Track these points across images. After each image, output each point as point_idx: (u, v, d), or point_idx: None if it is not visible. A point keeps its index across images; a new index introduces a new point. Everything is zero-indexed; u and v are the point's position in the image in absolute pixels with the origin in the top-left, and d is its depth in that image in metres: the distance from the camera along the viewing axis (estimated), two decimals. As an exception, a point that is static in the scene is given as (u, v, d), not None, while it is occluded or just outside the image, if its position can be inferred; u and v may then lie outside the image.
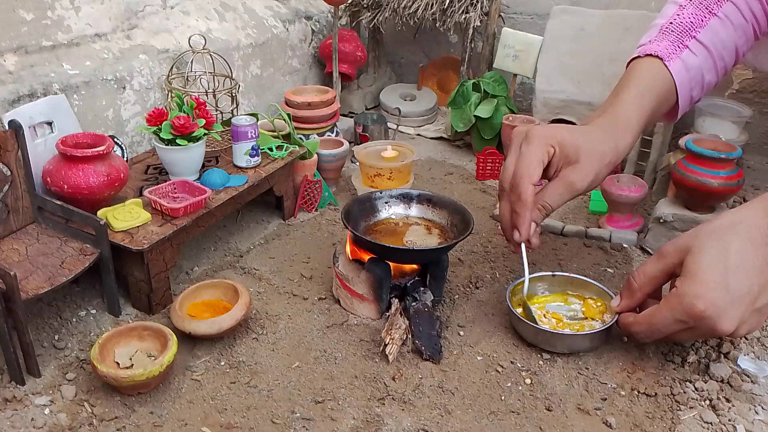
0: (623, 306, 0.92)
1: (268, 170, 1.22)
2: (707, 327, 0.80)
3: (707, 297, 0.78)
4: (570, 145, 0.92)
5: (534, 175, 0.91)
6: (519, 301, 1.00)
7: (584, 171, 0.92)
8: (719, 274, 0.78)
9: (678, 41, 1.00)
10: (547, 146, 0.92)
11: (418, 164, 1.60)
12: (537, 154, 0.92)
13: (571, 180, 0.92)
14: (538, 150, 0.92)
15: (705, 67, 1.01)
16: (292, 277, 1.13)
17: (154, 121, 1.13)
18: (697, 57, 1.00)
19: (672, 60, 0.99)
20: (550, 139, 0.92)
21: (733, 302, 0.78)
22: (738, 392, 0.87)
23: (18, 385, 0.87)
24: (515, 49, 1.63)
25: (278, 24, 1.71)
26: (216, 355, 0.94)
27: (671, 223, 1.17)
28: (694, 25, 1.00)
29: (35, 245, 0.97)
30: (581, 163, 0.92)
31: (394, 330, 0.94)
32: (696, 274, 0.80)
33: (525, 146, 0.93)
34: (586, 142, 0.93)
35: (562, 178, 0.93)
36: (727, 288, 0.78)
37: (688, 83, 1.01)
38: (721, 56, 1.02)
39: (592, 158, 0.92)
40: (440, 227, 1.09)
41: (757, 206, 0.83)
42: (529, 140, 0.93)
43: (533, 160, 0.91)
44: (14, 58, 1.13)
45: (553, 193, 0.93)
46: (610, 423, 0.82)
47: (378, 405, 0.85)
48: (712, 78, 1.04)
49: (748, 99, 1.56)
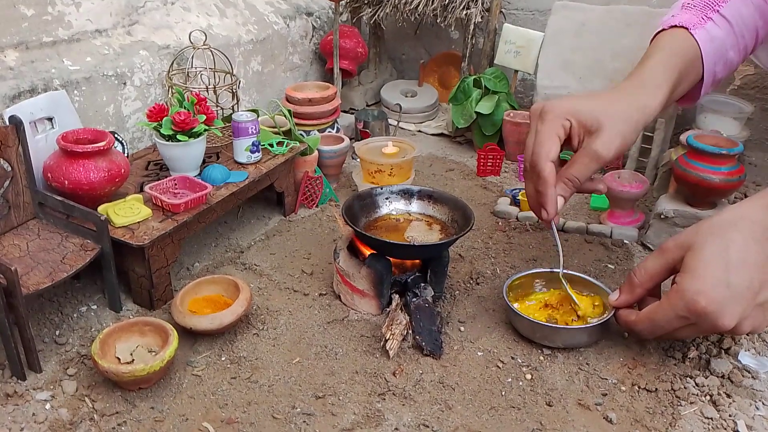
0: (622, 301, 0.92)
1: (269, 166, 1.22)
2: (708, 323, 0.80)
3: (708, 293, 0.78)
4: (587, 115, 0.90)
5: (552, 152, 0.90)
6: (516, 296, 1.01)
7: (607, 138, 0.89)
8: (720, 270, 0.78)
9: (701, 14, 0.99)
10: (562, 120, 0.90)
11: (419, 160, 1.59)
12: (552, 130, 0.90)
13: (594, 149, 0.89)
14: (553, 125, 0.90)
15: (728, 42, 1.00)
16: (293, 273, 1.13)
17: (154, 117, 1.13)
18: (721, 30, 0.99)
19: (697, 29, 0.98)
20: (564, 113, 0.90)
21: (734, 298, 0.78)
22: (739, 388, 0.87)
23: (19, 380, 0.87)
24: (516, 45, 1.62)
25: (279, 20, 1.70)
26: (217, 350, 0.94)
27: (672, 219, 1.16)
28: (716, 0, 1.00)
29: (36, 241, 0.97)
30: (604, 130, 0.89)
31: (394, 325, 0.94)
32: (697, 270, 0.80)
33: (540, 124, 0.91)
34: (606, 108, 0.90)
35: (586, 148, 0.90)
36: (728, 284, 0.78)
37: (714, 54, 0.99)
38: (742, 34, 1.01)
39: (616, 123, 0.90)
40: (441, 223, 1.09)
41: (758, 202, 0.82)
42: (543, 117, 0.91)
43: (548, 136, 0.90)
44: (15, 53, 1.13)
45: (578, 165, 0.91)
46: (611, 418, 0.82)
47: (378, 400, 0.85)
48: (735, 56, 1.02)
49: (750, 95, 1.56)
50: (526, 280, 1.04)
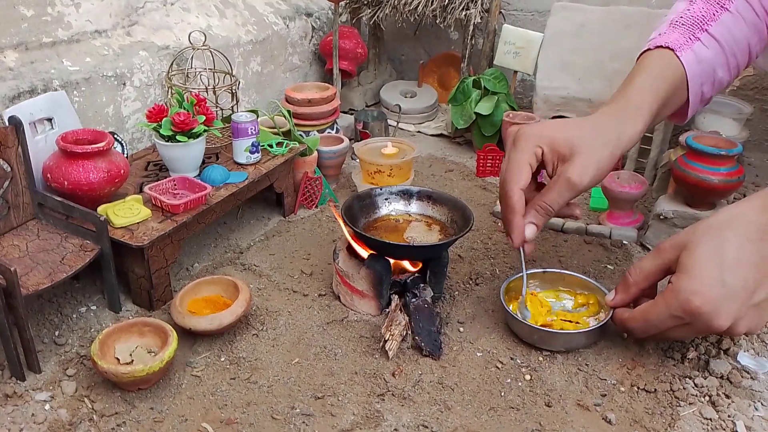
0: (617, 300, 0.92)
1: (269, 167, 1.22)
2: (703, 323, 0.80)
3: (703, 292, 0.78)
4: (561, 142, 0.89)
5: (521, 180, 0.89)
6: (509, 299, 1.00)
7: (581, 166, 0.88)
8: (715, 269, 0.78)
9: (689, 33, 0.96)
10: (534, 147, 0.89)
11: (419, 161, 1.59)
12: (523, 158, 0.90)
13: (568, 177, 0.88)
14: (524, 153, 0.90)
15: (717, 62, 0.97)
16: (293, 274, 1.13)
17: (154, 117, 1.13)
18: (708, 50, 0.96)
19: (683, 50, 0.95)
20: (537, 140, 0.89)
21: (729, 298, 0.78)
22: (738, 388, 0.87)
23: (18, 380, 0.87)
24: (516, 45, 1.63)
25: (278, 21, 1.71)
26: (216, 351, 0.94)
27: (671, 220, 1.17)
28: (705, 19, 0.97)
29: (35, 241, 0.97)
30: (578, 158, 0.88)
31: (393, 326, 0.94)
32: (692, 270, 0.80)
33: (512, 150, 0.91)
34: (582, 135, 0.89)
35: (559, 175, 0.89)
36: (723, 284, 0.78)
37: (700, 76, 0.97)
38: (733, 53, 0.98)
39: (591, 151, 0.88)
40: (440, 224, 1.09)
41: (754, 202, 0.83)
42: (516, 144, 0.91)
43: (519, 164, 0.90)
44: (14, 54, 1.13)
45: (552, 193, 0.90)
46: (610, 419, 0.82)
47: (378, 401, 0.85)
48: (725, 75, 1.00)
49: (749, 96, 1.56)
50: (519, 282, 1.03)
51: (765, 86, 1.56)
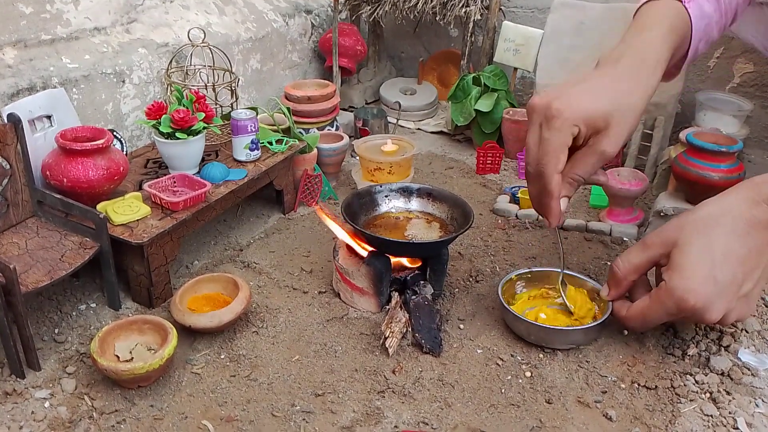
0: (613, 295, 0.93)
1: (268, 164, 1.22)
2: (697, 317, 0.83)
3: (697, 291, 0.81)
4: (598, 117, 0.84)
5: (560, 164, 0.85)
6: (511, 297, 1.01)
7: (615, 136, 0.84)
8: (707, 268, 0.81)
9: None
10: (571, 128, 0.84)
11: (419, 158, 1.59)
12: (561, 141, 0.84)
13: (603, 149, 0.85)
14: (561, 135, 0.84)
15: (714, 19, 0.96)
16: (292, 271, 1.13)
17: (153, 114, 1.13)
18: (709, 5, 0.94)
19: (691, 2, 0.92)
20: (574, 120, 0.84)
21: (720, 293, 0.81)
22: (738, 385, 0.87)
23: (18, 378, 0.87)
24: (516, 42, 1.62)
25: (278, 18, 1.70)
26: (216, 348, 0.94)
27: (671, 217, 1.16)
28: None
29: (35, 239, 0.97)
30: (612, 129, 0.84)
31: (394, 323, 0.94)
32: (685, 269, 0.82)
33: (546, 130, 0.84)
34: (614, 103, 0.85)
35: (592, 146, 0.85)
36: (714, 280, 0.80)
37: (701, 31, 0.94)
38: (726, 11, 0.97)
39: (623, 120, 0.85)
40: (440, 221, 1.09)
41: (742, 194, 0.83)
42: (550, 123, 0.84)
43: (556, 147, 0.84)
44: (13, 51, 1.13)
45: (583, 164, 0.86)
46: (611, 416, 0.82)
47: (378, 398, 0.85)
48: (716, 34, 0.99)
49: (749, 93, 1.56)
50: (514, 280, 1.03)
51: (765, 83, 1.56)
